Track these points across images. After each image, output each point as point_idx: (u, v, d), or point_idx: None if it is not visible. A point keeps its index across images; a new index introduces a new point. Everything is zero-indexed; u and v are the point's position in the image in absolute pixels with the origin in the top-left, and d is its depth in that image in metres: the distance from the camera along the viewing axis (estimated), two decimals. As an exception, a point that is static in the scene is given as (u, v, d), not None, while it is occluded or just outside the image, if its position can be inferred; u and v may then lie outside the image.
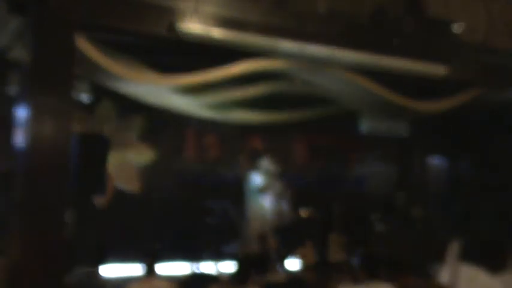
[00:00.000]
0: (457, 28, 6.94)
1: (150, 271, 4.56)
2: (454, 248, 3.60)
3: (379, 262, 4.07)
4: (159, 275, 4.73)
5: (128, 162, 7.03)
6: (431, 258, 6.28)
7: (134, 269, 5.66)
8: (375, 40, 6.37)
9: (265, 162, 7.30)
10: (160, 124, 7.29)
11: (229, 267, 6.35)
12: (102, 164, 6.12)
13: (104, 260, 5.98)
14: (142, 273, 4.59)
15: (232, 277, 4.68)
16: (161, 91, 6.20)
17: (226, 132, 7.66)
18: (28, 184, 4.58)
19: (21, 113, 4.82)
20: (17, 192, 4.70)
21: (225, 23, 5.47)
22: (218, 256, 6.86)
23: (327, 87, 6.74)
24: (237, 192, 7.45)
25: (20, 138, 4.78)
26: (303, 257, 6.61)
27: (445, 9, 6.96)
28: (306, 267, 6.47)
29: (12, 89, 5.58)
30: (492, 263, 3.82)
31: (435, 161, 9.41)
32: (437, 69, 6.57)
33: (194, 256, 6.88)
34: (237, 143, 7.90)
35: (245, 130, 7.84)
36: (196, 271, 6.63)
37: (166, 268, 6.49)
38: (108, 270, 6.26)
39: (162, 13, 5.23)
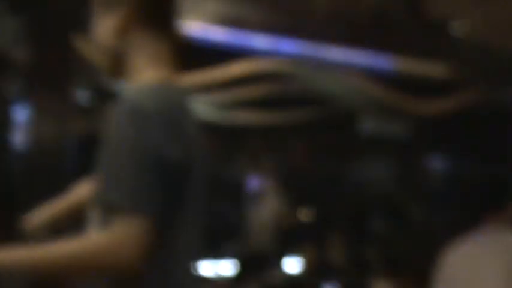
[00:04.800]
0: (457, 28, 6.94)
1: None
2: None
3: (377, 262, 4.07)
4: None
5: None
6: (432, 258, 6.29)
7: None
8: (375, 40, 6.37)
9: (265, 162, 7.29)
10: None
11: (228, 268, 6.35)
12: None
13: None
14: None
15: (231, 279, 4.68)
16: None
17: (226, 132, 7.65)
18: (27, 184, 4.58)
19: (21, 113, 4.82)
20: (16, 193, 4.70)
21: (225, 22, 5.47)
22: (218, 256, 6.85)
23: (327, 88, 6.74)
24: (237, 192, 7.44)
25: (19, 139, 4.77)
26: (302, 257, 6.60)
27: (445, 10, 6.96)
28: (305, 268, 6.46)
29: (12, 89, 5.57)
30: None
31: (435, 162, 9.41)
32: (437, 69, 6.57)
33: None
34: (237, 143, 7.90)
35: (245, 130, 7.84)
36: (194, 273, 6.60)
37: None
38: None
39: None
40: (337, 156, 8.66)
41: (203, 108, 7.01)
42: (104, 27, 1.48)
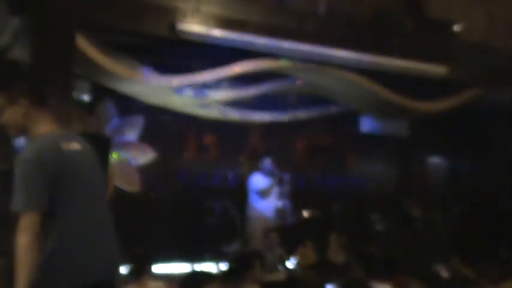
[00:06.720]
0: (457, 28, 6.94)
1: (143, 272, 4.54)
2: None
3: (377, 262, 4.08)
4: (155, 275, 4.72)
5: (128, 162, 7.03)
6: (431, 258, 6.30)
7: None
8: (375, 40, 6.37)
9: (266, 162, 7.30)
10: (160, 124, 7.29)
11: (228, 267, 6.35)
12: (103, 163, 6.11)
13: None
14: (133, 275, 4.57)
15: (226, 275, 4.68)
16: (161, 91, 6.20)
17: (226, 132, 7.66)
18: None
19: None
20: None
21: (225, 23, 5.47)
22: (218, 256, 6.86)
23: (327, 87, 6.74)
24: (238, 192, 7.45)
25: (20, 138, 4.77)
26: (303, 256, 6.61)
27: (445, 10, 6.96)
28: (305, 267, 6.48)
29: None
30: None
31: (435, 161, 9.42)
32: (437, 69, 6.58)
33: (194, 256, 6.88)
34: (237, 143, 7.90)
35: (245, 130, 7.85)
36: (196, 269, 6.62)
37: (166, 269, 6.49)
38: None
39: (162, 13, 5.23)
40: (337, 155, 8.66)
41: (204, 107, 7.03)
42: (10, 113, 2.63)
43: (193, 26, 5.31)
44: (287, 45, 5.75)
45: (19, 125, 2.64)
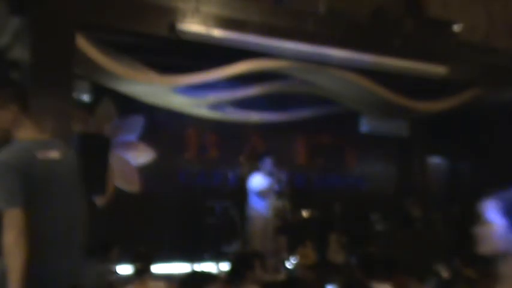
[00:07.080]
0: (457, 28, 6.95)
1: (145, 272, 4.55)
2: None
3: (377, 262, 4.07)
4: (155, 275, 4.72)
5: (128, 162, 7.03)
6: (431, 258, 6.30)
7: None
8: (375, 40, 6.38)
9: (266, 162, 7.30)
10: (160, 124, 7.29)
11: (229, 267, 6.35)
12: (103, 163, 6.10)
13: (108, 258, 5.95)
14: (137, 274, 4.57)
15: (232, 277, 4.68)
16: (161, 91, 6.20)
17: (226, 132, 7.66)
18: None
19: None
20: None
21: (225, 23, 5.47)
22: (218, 256, 6.86)
23: (327, 87, 6.74)
24: (238, 192, 7.44)
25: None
26: (303, 256, 6.61)
27: (444, 10, 6.96)
28: (305, 267, 6.48)
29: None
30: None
31: (435, 161, 9.41)
32: (437, 69, 6.58)
33: (194, 256, 6.88)
34: (237, 143, 7.90)
35: (245, 130, 7.85)
36: (196, 269, 6.62)
37: (166, 268, 6.48)
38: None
39: (162, 13, 5.24)
40: (337, 155, 8.66)
41: (204, 107, 7.03)
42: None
43: (193, 26, 5.31)
44: (287, 45, 5.75)
45: (5, 130, 2.72)
